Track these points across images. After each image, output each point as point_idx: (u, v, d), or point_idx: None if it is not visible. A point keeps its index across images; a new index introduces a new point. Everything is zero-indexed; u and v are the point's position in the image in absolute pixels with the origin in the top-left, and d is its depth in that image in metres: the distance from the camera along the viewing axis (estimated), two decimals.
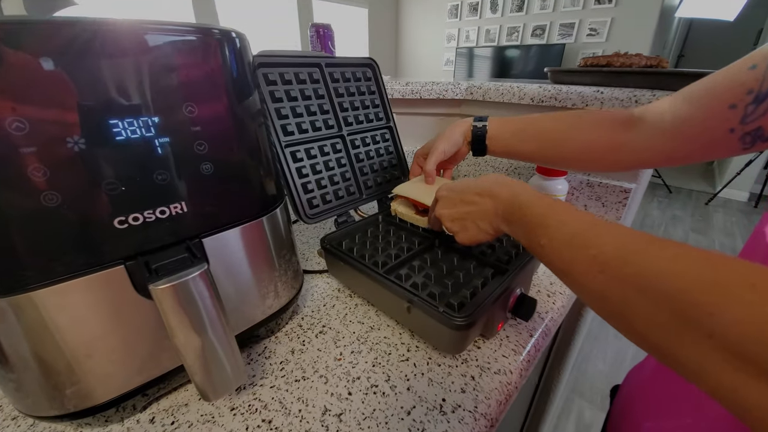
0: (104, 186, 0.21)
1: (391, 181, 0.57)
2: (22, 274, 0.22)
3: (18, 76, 0.19)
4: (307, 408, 0.29)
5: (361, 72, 0.54)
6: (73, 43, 0.20)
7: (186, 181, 0.24)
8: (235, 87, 0.27)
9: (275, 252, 0.34)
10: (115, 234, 0.23)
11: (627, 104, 0.49)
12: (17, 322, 0.23)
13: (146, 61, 0.22)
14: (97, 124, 0.21)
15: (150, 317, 0.26)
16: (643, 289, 0.17)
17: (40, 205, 0.20)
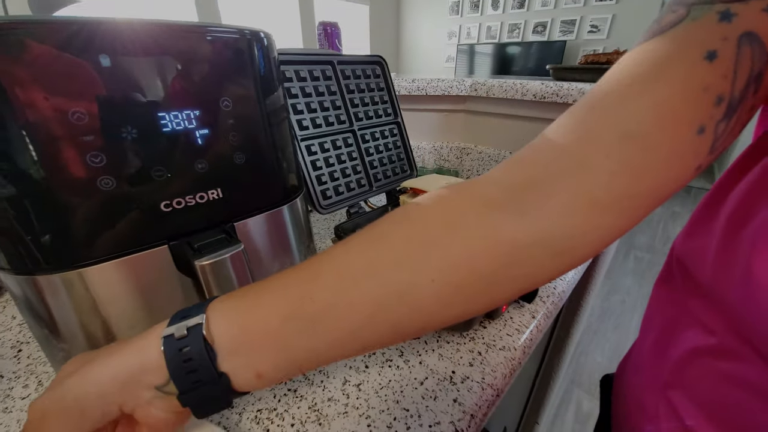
0: (153, 172, 0.24)
1: (398, 174, 0.59)
2: (75, 252, 0.24)
3: (79, 71, 0.21)
4: (329, 379, 0.32)
5: (371, 69, 0.56)
6: (128, 42, 0.22)
7: (221, 170, 0.27)
8: (263, 83, 0.29)
9: (295, 239, 0.36)
10: (161, 216, 0.25)
11: None
12: (68, 297, 0.26)
13: (190, 60, 0.24)
14: (148, 116, 0.23)
15: (189, 294, 0.29)
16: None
17: (96, 188, 0.23)
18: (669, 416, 0.26)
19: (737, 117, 0.17)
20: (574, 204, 0.17)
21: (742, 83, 0.16)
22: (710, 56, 0.16)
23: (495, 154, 0.72)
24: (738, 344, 0.21)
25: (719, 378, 0.22)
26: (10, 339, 0.39)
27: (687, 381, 0.25)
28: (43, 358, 0.36)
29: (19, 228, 0.22)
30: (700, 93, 0.16)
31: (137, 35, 0.22)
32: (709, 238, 0.23)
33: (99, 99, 0.21)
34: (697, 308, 0.25)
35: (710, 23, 0.16)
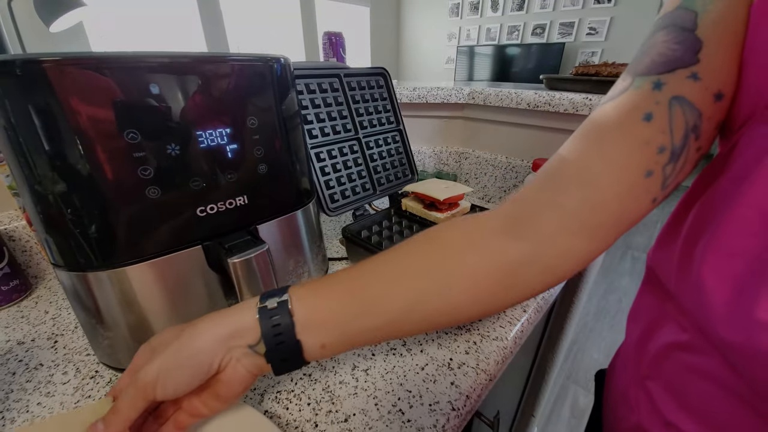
0: (191, 182, 0.28)
1: (400, 179, 0.63)
2: (122, 252, 0.28)
3: (131, 97, 0.25)
4: (339, 365, 0.35)
5: (375, 80, 0.60)
6: (171, 72, 0.26)
7: (247, 179, 0.31)
8: (283, 101, 0.33)
9: (308, 239, 0.40)
10: (197, 220, 0.29)
11: None
12: (113, 291, 0.29)
13: (223, 85, 0.28)
14: (188, 135, 0.27)
15: (214, 288, 0.32)
16: None
17: (144, 197, 0.26)
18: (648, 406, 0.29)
19: (684, 159, 0.21)
20: (553, 232, 0.23)
21: (680, 134, 0.21)
22: (647, 117, 0.21)
23: (491, 159, 0.76)
24: (702, 341, 0.24)
25: (688, 370, 0.26)
26: (45, 331, 0.42)
27: (663, 373, 0.28)
28: (78, 348, 0.39)
29: (75, 230, 0.26)
30: (642, 146, 0.21)
31: (178, 66, 0.26)
32: (673, 251, 0.26)
33: (148, 121, 0.25)
34: (672, 309, 0.28)
35: (646, 91, 0.21)
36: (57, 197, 0.25)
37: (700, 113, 0.21)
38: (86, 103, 0.23)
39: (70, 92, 0.23)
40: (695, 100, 0.21)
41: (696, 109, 0.21)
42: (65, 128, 0.23)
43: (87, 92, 0.23)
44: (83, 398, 0.33)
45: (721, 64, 0.21)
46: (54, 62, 0.22)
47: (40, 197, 0.25)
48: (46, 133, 0.23)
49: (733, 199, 0.21)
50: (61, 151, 0.24)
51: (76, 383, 0.35)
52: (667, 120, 0.21)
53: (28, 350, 0.40)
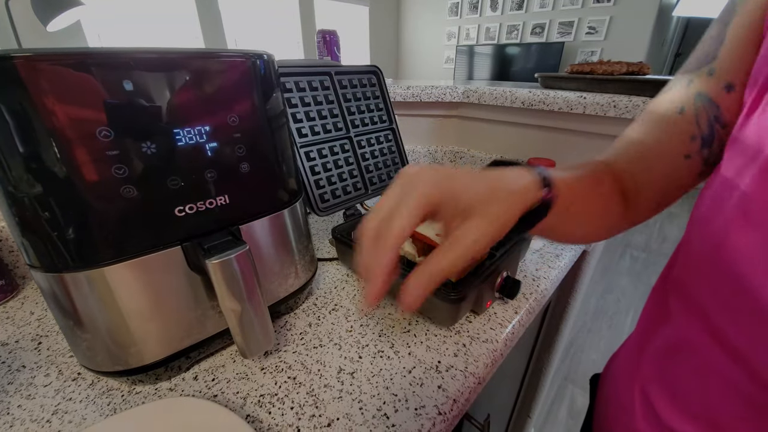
0: (169, 181, 0.27)
1: (393, 178, 0.62)
2: (98, 252, 0.27)
3: (104, 94, 0.24)
4: (325, 368, 0.35)
5: (367, 78, 0.59)
6: (146, 68, 0.25)
7: (228, 178, 0.30)
8: (266, 99, 0.32)
9: (295, 240, 0.39)
10: (175, 220, 0.28)
11: (606, 109, 0.54)
12: (90, 292, 0.29)
13: (201, 81, 0.27)
14: (164, 132, 0.26)
15: (198, 290, 0.32)
16: None
17: (119, 196, 0.26)
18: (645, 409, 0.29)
19: (717, 142, 0.26)
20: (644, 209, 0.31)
21: (706, 125, 0.25)
22: (680, 111, 0.26)
23: (486, 158, 0.75)
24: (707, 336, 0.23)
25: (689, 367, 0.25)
26: (29, 333, 0.42)
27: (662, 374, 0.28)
28: (61, 350, 0.39)
29: (50, 230, 0.25)
30: (679, 135, 0.27)
31: (154, 62, 0.25)
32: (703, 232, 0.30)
33: (121, 118, 0.25)
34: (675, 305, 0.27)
35: (683, 87, 0.27)
36: (30, 198, 0.24)
37: (718, 106, 0.24)
38: (58, 100, 0.23)
39: (41, 89, 0.22)
40: (712, 95, 0.25)
41: (713, 102, 0.24)
42: (36, 126, 0.23)
43: (58, 89, 0.23)
44: (64, 401, 0.33)
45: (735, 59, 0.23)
46: (24, 58, 0.22)
47: (13, 198, 0.25)
48: (17, 131, 0.23)
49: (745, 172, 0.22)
50: (32, 150, 0.23)
51: (58, 385, 0.34)
52: (693, 113, 0.25)
53: (11, 351, 0.39)
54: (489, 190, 0.21)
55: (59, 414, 0.31)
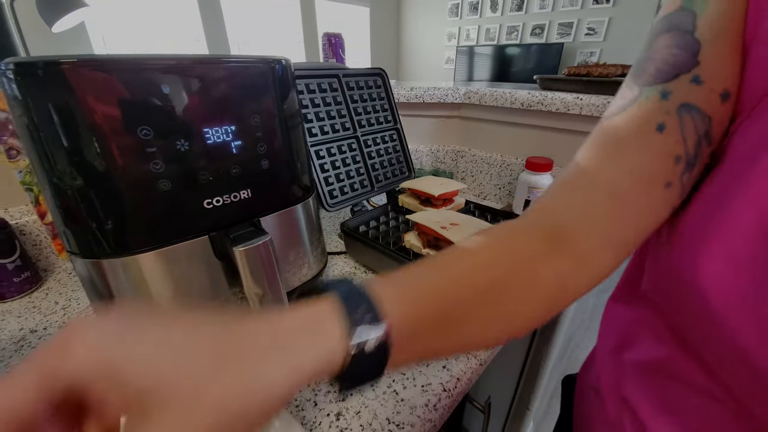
0: (199, 176, 0.29)
1: (397, 176, 0.65)
2: (133, 241, 0.30)
3: (144, 97, 0.27)
4: None
5: (372, 80, 0.62)
6: (180, 72, 0.28)
7: (251, 174, 0.33)
8: (284, 101, 0.35)
9: (308, 232, 0.42)
10: (204, 212, 0.31)
11: (601, 110, 0.57)
12: (125, 278, 0.31)
13: (228, 85, 0.30)
14: (195, 132, 0.29)
15: (219, 277, 0.34)
16: None
17: (155, 189, 0.28)
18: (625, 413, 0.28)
19: (698, 166, 0.22)
20: (590, 249, 0.22)
21: (693, 142, 0.21)
22: (660, 128, 0.21)
23: (487, 157, 0.78)
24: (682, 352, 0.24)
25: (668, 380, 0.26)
26: (56, 321, 0.44)
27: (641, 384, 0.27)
28: None
29: (90, 220, 0.28)
30: (661, 157, 0.21)
31: (187, 68, 0.28)
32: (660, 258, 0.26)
33: (159, 119, 0.27)
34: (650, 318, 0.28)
35: (655, 101, 0.21)
36: (74, 190, 0.27)
37: (710, 118, 0.21)
38: (102, 102, 0.25)
39: (87, 92, 0.25)
40: (703, 105, 0.21)
41: (705, 115, 0.21)
42: (83, 126, 0.25)
43: (103, 92, 0.25)
44: None
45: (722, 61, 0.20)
46: (72, 64, 0.24)
47: (57, 190, 0.27)
48: (65, 130, 0.25)
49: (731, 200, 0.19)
50: (78, 148, 0.26)
51: None
52: (678, 129, 0.21)
53: (41, 338, 0.42)
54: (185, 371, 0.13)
55: None
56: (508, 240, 0.23)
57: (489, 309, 0.21)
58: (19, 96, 0.24)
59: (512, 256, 0.22)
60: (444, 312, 0.20)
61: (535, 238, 0.23)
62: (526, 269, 0.22)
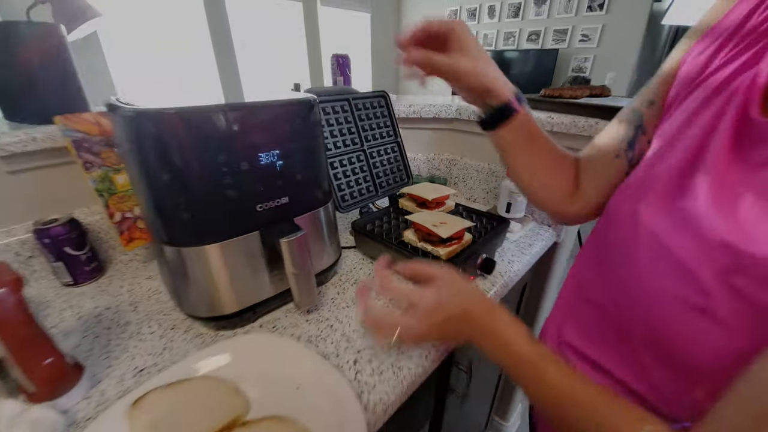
0: (255, 187, 0.41)
1: (398, 182, 0.76)
2: (206, 235, 0.41)
3: (220, 132, 0.38)
4: (351, 320, 0.48)
5: (377, 101, 0.73)
6: (244, 114, 0.39)
7: (289, 184, 0.44)
8: (312, 129, 0.46)
9: (327, 229, 0.53)
10: (256, 214, 0.42)
11: (569, 128, 0.68)
12: (197, 262, 0.42)
13: (273, 121, 0.41)
14: (253, 155, 0.40)
15: (262, 264, 0.45)
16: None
17: (226, 196, 0.39)
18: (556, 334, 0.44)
19: (638, 146, 0.38)
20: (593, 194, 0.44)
21: (632, 132, 0.39)
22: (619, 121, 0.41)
23: (476, 165, 0.89)
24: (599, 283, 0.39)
25: (582, 300, 0.41)
26: (125, 300, 0.55)
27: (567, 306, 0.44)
28: (155, 311, 0.52)
29: (177, 219, 0.39)
30: (614, 140, 0.41)
31: (249, 111, 0.39)
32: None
33: (230, 147, 0.38)
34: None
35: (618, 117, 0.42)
36: (168, 198, 0.38)
37: (642, 114, 0.38)
38: (192, 137, 0.36)
39: (182, 130, 0.36)
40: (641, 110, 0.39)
41: (640, 115, 0.39)
42: (178, 153, 0.36)
43: (193, 130, 0.36)
44: (168, 342, 0.46)
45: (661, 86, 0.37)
46: (174, 112, 0.35)
47: (157, 197, 0.38)
48: (166, 157, 0.36)
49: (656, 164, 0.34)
50: (175, 168, 0.37)
51: (160, 333, 0.48)
52: (625, 124, 0.40)
53: (116, 312, 0.53)
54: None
55: (168, 349, 0.45)
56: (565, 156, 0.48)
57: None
58: (134, 131, 0.35)
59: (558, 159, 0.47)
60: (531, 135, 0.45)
61: (571, 170, 0.47)
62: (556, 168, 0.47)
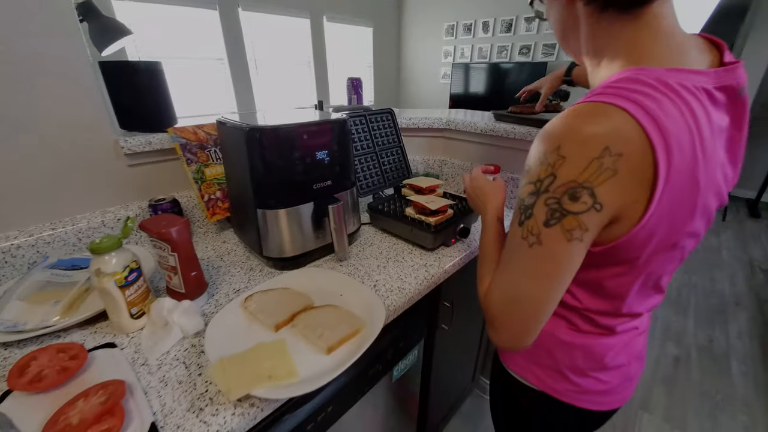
0: (312, 173, 0.65)
1: (401, 176, 1.01)
2: (282, 202, 0.65)
3: (296, 139, 0.62)
4: (371, 266, 0.72)
5: (385, 116, 0.98)
6: (311, 129, 0.63)
7: (332, 173, 0.68)
8: (347, 137, 0.70)
9: (352, 205, 0.77)
10: (312, 190, 0.66)
11: (526, 136, 0.93)
12: (275, 221, 0.67)
13: (325, 132, 0.66)
14: (312, 153, 0.64)
15: (312, 225, 0.70)
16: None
17: (297, 179, 0.64)
18: None
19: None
20: None
21: None
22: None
23: (462, 164, 1.13)
24: None
25: None
26: (212, 254, 0.79)
27: None
28: (236, 261, 0.76)
29: (267, 193, 0.64)
30: None
31: (314, 127, 0.64)
32: None
33: (301, 148, 0.63)
34: None
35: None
36: (263, 179, 0.62)
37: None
38: (279, 143, 0.61)
39: (272, 138, 0.60)
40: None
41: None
42: (270, 153, 0.61)
43: (280, 139, 0.61)
44: (250, 276, 0.70)
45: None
46: (271, 128, 0.60)
47: (255, 177, 0.63)
48: (263, 155, 0.61)
49: None
50: (270, 162, 0.61)
51: (243, 272, 0.72)
52: None
53: (209, 262, 0.76)
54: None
55: (251, 280, 0.69)
56: None
57: None
58: (244, 139, 0.60)
59: None
60: None
61: None
62: None
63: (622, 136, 0.31)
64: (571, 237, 0.35)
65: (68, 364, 0.48)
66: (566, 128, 0.34)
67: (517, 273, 0.40)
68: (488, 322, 0.44)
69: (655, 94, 0.32)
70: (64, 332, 0.55)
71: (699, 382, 1.49)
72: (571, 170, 0.33)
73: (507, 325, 0.41)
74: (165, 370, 0.48)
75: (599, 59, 0.41)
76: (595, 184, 0.33)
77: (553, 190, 0.35)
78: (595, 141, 0.32)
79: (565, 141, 0.34)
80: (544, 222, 0.36)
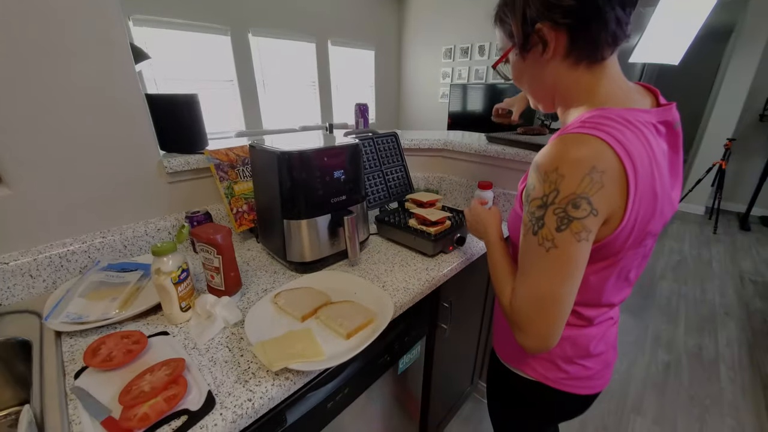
0: (331, 188, 0.77)
1: (403, 192, 1.12)
2: (303, 213, 0.77)
3: (319, 161, 0.74)
4: (379, 270, 0.83)
5: (390, 138, 1.11)
6: (331, 153, 0.75)
7: (346, 189, 0.80)
8: (359, 158, 0.82)
9: (362, 216, 0.88)
10: (330, 204, 0.78)
11: (515, 156, 1.05)
12: (297, 230, 0.78)
13: (343, 154, 0.78)
14: (331, 173, 0.76)
15: (328, 234, 0.81)
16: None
17: (317, 194, 0.75)
18: None
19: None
20: None
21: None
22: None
23: (458, 181, 1.25)
24: None
25: None
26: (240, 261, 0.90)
27: None
28: (261, 266, 0.87)
29: (290, 205, 0.75)
30: None
31: (333, 151, 0.76)
32: None
33: (322, 167, 0.75)
34: None
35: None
36: (289, 193, 0.74)
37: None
38: (302, 164, 0.73)
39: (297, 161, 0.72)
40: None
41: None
42: (297, 172, 0.73)
43: (304, 161, 0.73)
44: (275, 279, 0.80)
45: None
46: (297, 153, 0.72)
47: (283, 193, 0.74)
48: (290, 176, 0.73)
49: None
50: (294, 181, 0.73)
51: (269, 275, 0.82)
52: None
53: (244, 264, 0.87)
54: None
55: (275, 281, 0.79)
56: None
57: None
58: (276, 161, 0.72)
59: None
60: None
61: None
62: None
63: (602, 157, 0.40)
64: (580, 238, 0.42)
65: (132, 347, 0.58)
66: (561, 153, 0.42)
67: (538, 276, 0.45)
68: (516, 327, 0.48)
69: (620, 126, 0.41)
70: (120, 324, 0.65)
71: (689, 387, 1.56)
72: (570, 184, 0.40)
73: (535, 326, 0.46)
74: (212, 353, 0.58)
75: (569, 103, 0.50)
76: (590, 194, 0.40)
77: (558, 202, 0.42)
78: (585, 161, 0.40)
79: (562, 162, 0.41)
80: (556, 228, 0.42)
